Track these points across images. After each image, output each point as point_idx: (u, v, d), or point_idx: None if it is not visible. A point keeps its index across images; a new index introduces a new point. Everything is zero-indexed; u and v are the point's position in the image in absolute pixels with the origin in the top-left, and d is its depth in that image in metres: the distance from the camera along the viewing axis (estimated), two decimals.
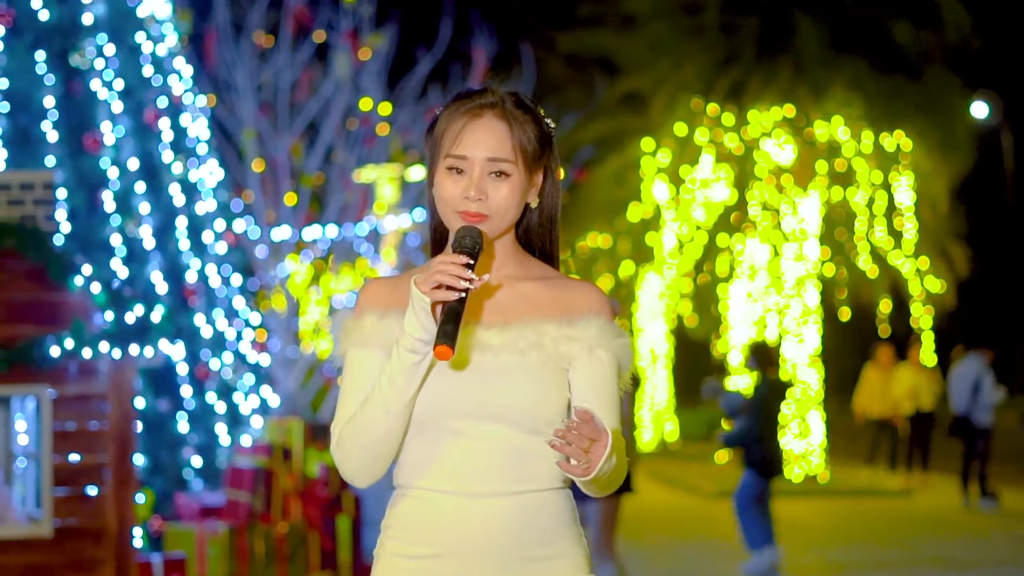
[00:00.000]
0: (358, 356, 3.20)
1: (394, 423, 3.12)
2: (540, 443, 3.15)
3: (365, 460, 3.16)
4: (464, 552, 3.13)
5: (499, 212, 3.19)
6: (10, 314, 8.08)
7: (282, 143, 16.39)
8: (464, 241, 3.09)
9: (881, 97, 22.74)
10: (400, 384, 3.09)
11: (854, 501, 19.25)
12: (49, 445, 8.14)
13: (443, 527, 3.14)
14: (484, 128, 3.19)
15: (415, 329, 3.05)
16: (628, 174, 25.50)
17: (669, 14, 24.41)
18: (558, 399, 3.19)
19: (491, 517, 3.13)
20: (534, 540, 3.16)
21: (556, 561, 3.18)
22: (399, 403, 3.10)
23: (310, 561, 10.43)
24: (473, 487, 3.13)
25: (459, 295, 2.99)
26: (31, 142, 10.04)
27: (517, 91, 3.30)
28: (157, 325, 8.29)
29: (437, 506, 3.15)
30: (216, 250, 11.09)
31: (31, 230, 8.08)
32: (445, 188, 3.19)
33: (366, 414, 3.13)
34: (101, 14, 10.48)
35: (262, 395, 11.19)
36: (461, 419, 3.13)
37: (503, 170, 3.19)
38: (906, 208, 23.23)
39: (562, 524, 3.20)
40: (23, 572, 8.07)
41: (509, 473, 3.14)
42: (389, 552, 3.20)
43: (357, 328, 3.22)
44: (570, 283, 3.29)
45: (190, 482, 10.49)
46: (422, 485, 3.17)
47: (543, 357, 3.17)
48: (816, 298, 23.07)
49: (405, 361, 3.07)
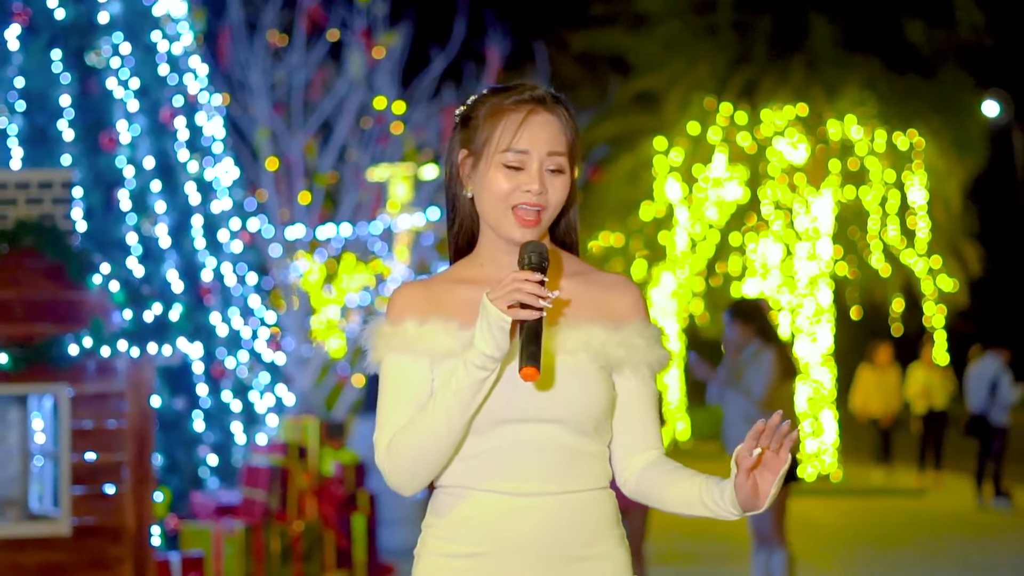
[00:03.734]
0: (399, 362, 3.17)
1: (455, 436, 3.10)
2: (587, 442, 3.17)
3: (418, 470, 3.14)
4: (509, 551, 3.13)
5: (553, 207, 3.19)
6: (29, 313, 8.09)
7: (296, 142, 16.42)
8: (532, 257, 3.05)
9: (894, 96, 22.70)
10: (466, 399, 3.06)
11: (867, 500, 19.23)
12: (67, 443, 8.15)
13: (487, 526, 3.14)
14: (542, 123, 3.18)
15: (488, 346, 3.01)
16: (641, 173, 25.47)
17: (682, 13, 24.37)
18: (606, 398, 3.20)
19: (536, 516, 3.13)
20: (579, 540, 3.16)
21: (600, 562, 3.19)
22: (463, 417, 3.08)
23: (325, 560, 10.44)
24: (519, 487, 3.13)
25: (539, 315, 2.98)
26: (47, 141, 10.07)
27: (547, 88, 3.30)
28: (175, 323, 8.30)
29: (483, 505, 3.14)
30: (231, 249, 11.10)
31: (50, 229, 8.09)
32: (498, 184, 3.16)
33: (424, 426, 3.10)
34: (117, 13, 10.51)
35: (277, 394, 11.21)
36: (513, 421, 3.13)
37: (560, 166, 3.18)
38: (919, 207, 23.20)
39: (607, 525, 3.21)
40: (41, 570, 8.08)
41: (556, 473, 3.14)
42: (432, 551, 3.19)
43: (397, 334, 3.18)
44: (607, 280, 3.30)
45: (206, 481, 10.51)
46: (467, 485, 3.16)
47: (590, 357, 3.18)
48: (829, 297, 23.05)
49: (473, 377, 3.05)
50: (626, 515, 9.42)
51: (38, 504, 8.55)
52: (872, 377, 21.92)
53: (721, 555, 13.83)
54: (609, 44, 26.52)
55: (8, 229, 8.08)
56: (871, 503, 18.83)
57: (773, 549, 9.61)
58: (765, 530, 9.63)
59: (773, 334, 9.83)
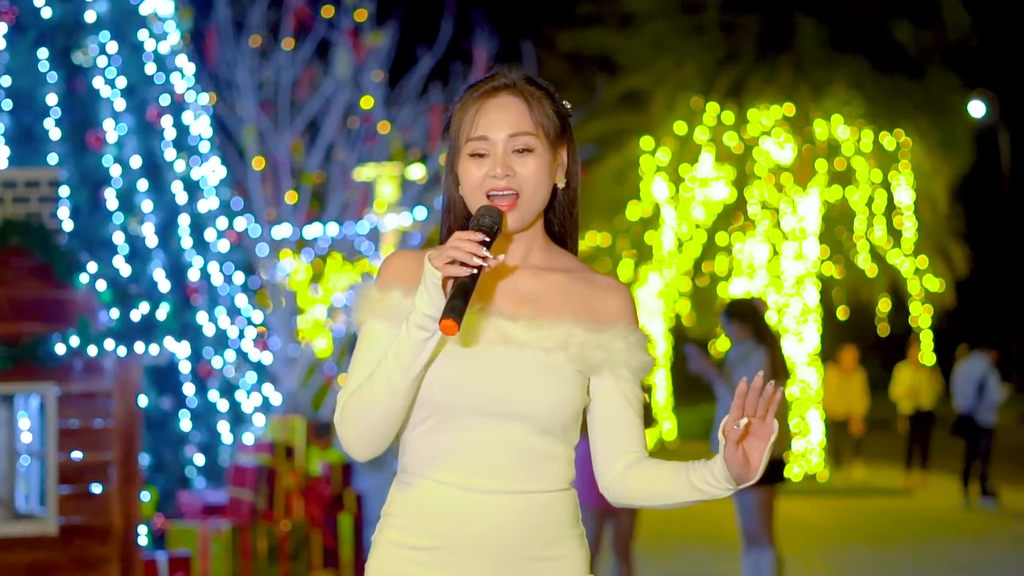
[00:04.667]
0: (377, 328, 3.15)
1: (397, 400, 3.06)
2: (553, 443, 3.13)
3: (366, 435, 3.10)
4: (464, 547, 3.09)
5: (528, 188, 3.14)
6: (15, 311, 8.07)
7: (283, 141, 16.39)
8: (482, 220, 3.03)
9: (881, 96, 22.74)
10: (406, 360, 3.03)
11: (853, 500, 19.25)
12: (54, 443, 8.14)
13: (445, 520, 3.10)
14: (500, 106, 3.15)
15: (425, 305, 2.99)
16: (628, 173, 25.48)
17: (669, 13, 24.39)
18: (576, 402, 3.16)
19: (495, 514, 3.09)
20: (538, 540, 3.13)
21: (559, 562, 3.15)
22: (404, 380, 3.04)
23: (312, 559, 10.42)
24: (480, 483, 3.09)
25: (471, 271, 2.94)
26: (34, 140, 10.04)
27: (527, 72, 3.26)
28: (162, 323, 8.29)
29: (441, 498, 3.11)
30: (218, 248, 11.08)
31: (37, 227, 8.08)
32: (469, 174, 3.15)
33: (371, 388, 3.07)
34: (104, 11, 10.49)
35: (264, 393, 11.19)
36: (477, 413, 3.09)
37: (527, 145, 3.14)
38: (905, 207, 23.24)
39: (566, 525, 3.17)
40: (28, 570, 8.07)
41: (518, 472, 3.11)
42: (387, 540, 3.16)
43: (382, 300, 3.16)
44: (599, 280, 3.26)
45: (192, 480, 10.49)
46: (429, 476, 3.12)
47: (568, 358, 3.14)
48: (815, 297, 23.08)
49: (413, 337, 3.01)
50: (615, 515, 9.46)
51: (25, 503, 8.53)
52: (835, 380, 22.00)
53: (710, 555, 13.84)
54: (596, 43, 26.54)
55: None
56: (857, 503, 18.85)
57: (762, 549, 9.63)
58: (754, 530, 9.65)
59: (768, 334, 9.85)
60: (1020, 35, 35.10)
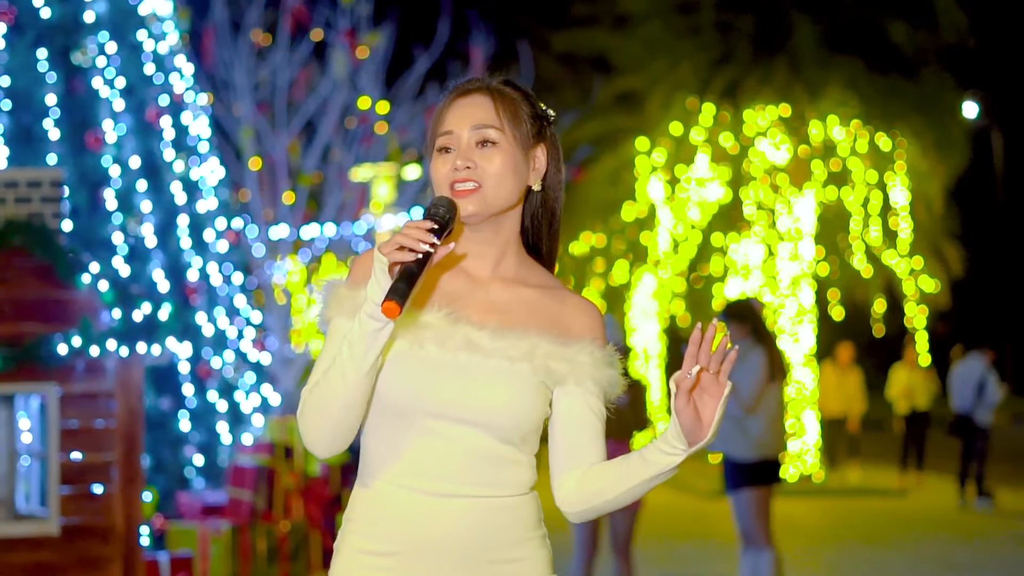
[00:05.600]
0: (343, 325, 3.10)
1: (352, 394, 3.02)
2: (511, 451, 3.10)
3: (324, 430, 3.06)
4: (426, 551, 3.07)
5: (492, 180, 3.11)
6: (17, 312, 8.07)
7: (280, 142, 16.40)
8: (435, 209, 3.00)
9: (877, 97, 22.75)
10: (359, 351, 2.99)
11: (849, 501, 19.26)
12: (56, 443, 8.13)
13: (406, 525, 3.07)
14: (469, 103, 3.14)
15: (375, 293, 2.95)
16: (623, 173, 25.49)
17: (664, 13, 24.39)
18: (538, 413, 3.13)
19: (456, 518, 3.07)
20: (499, 543, 3.11)
21: (520, 564, 3.13)
22: (357, 372, 3.00)
23: (311, 560, 10.43)
24: (439, 487, 3.07)
25: (417, 256, 2.91)
26: (33, 140, 10.05)
27: (509, 77, 3.24)
28: (164, 323, 8.28)
29: (401, 503, 3.08)
30: (217, 248, 11.09)
31: (39, 228, 8.07)
32: (436, 169, 3.13)
33: (327, 382, 3.04)
34: (103, 12, 10.49)
35: (263, 393, 11.19)
36: (437, 417, 3.06)
37: (489, 137, 3.11)
38: (901, 207, 23.25)
39: (528, 527, 3.15)
40: (30, 570, 8.06)
41: (477, 477, 3.08)
42: (350, 547, 3.12)
43: (350, 297, 3.12)
44: (569, 298, 3.23)
45: (192, 481, 10.49)
46: (387, 480, 3.09)
47: (531, 369, 3.10)
48: (811, 297, 23.09)
49: (365, 327, 2.97)
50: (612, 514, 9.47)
51: (25, 504, 8.53)
52: (832, 377, 22.00)
53: (708, 556, 13.84)
54: (591, 44, 26.53)
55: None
56: (853, 503, 18.86)
57: (760, 550, 9.63)
58: (751, 531, 9.65)
59: (765, 334, 9.86)
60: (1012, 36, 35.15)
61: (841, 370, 22.01)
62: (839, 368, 22.09)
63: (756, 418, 9.63)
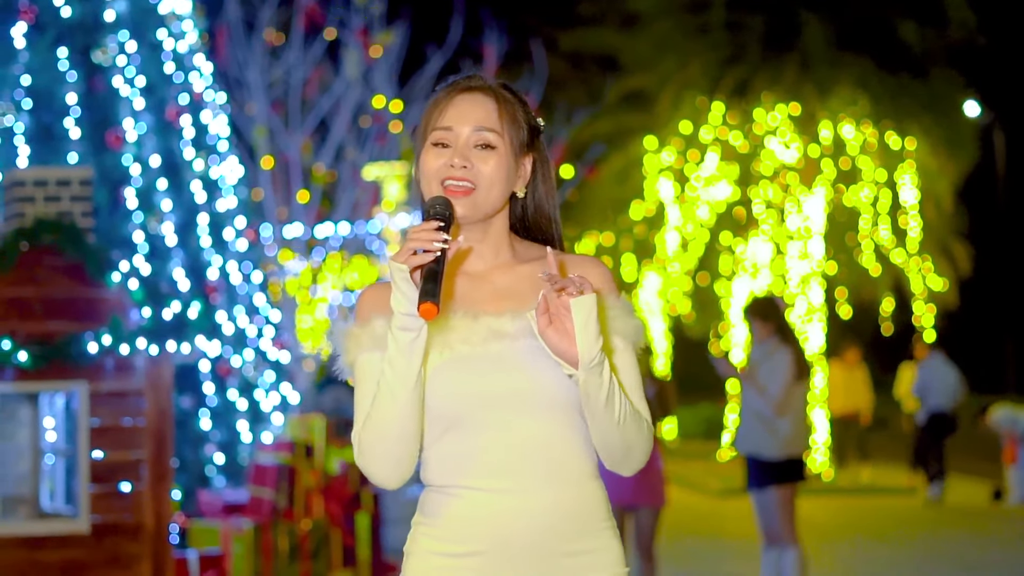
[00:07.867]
0: (371, 360, 3.12)
1: (406, 412, 3.05)
2: (569, 430, 3.12)
3: (388, 459, 3.10)
4: (502, 549, 3.09)
5: (485, 183, 3.13)
6: (48, 310, 8.09)
7: (293, 140, 16.41)
8: (435, 208, 3.02)
9: (886, 95, 22.77)
10: (400, 367, 3.02)
11: (859, 499, 19.26)
12: (86, 441, 8.14)
13: (480, 524, 3.10)
14: (470, 101, 3.15)
15: (401, 303, 2.98)
16: (632, 172, 25.50)
17: (674, 12, 24.42)
18: None
19: (529, 513, 3.09)
20: (572, 534, 3.12)
21: (595, 555, 3.15)
22: (405, 387, 3.03)
23: (332, 558, 10.43)
24: (509, 484, 3.09)
25: (435, 255, 2.94)
26: (53, 139, 10.07)
27: (505, 81, 3.26)
28: (193, 322, 8.29)
29: (473, 503, 3.10)
30: (237, 247, 11.09)
31: (69, 226, 8.09)
32: (427, 163, 3.13)
33: (377, 410, 3.07)
34: (123, 11, 10.51)
35: (282, 392, 11.20)
36: (490, 410, 3.08)
37: (489, 142, 3.13)
38: (910, 206, 23.26)
39: (599, 518, 3.16)
40: (61, 569, 8.07)
41: (543, 467, 3.10)
42: (424, 549, 3.15)
43: (366, 333, 3.14)
44: (572, 258, 3.24)
45: (212, 479, 10.50)
46: (456, 483, 3.12)
47: None
48: (820, 296, 23.09)
49: (400, 341, 3.00)
50: (636, 513, 9.47)
51: (49, 502, 8.54)
52: (840, 375, 22.03)
53: (730, 553, 13.85)
54: (599, 43, 26.56)
55: (27, 227, 8.07)
56: (863, 502, 18.87)
57: (784, 548, 9.63)
58: (774, 529, 9.65)
59: (790, 333, 9.85)
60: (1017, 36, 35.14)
61: (848, 368, 22.03)
62: (846, 366, 22.10)
63: (784, 418, 9.62)
